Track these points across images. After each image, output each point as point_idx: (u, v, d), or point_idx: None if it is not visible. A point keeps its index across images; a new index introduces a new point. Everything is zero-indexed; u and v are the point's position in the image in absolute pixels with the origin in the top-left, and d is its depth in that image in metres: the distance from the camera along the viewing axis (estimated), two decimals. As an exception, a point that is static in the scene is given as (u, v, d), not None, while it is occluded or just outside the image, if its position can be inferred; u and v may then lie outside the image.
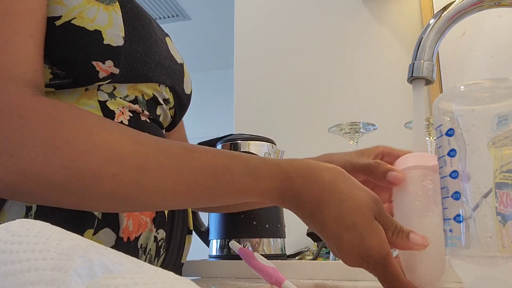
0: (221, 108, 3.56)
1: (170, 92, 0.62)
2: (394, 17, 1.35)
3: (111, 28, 0.49)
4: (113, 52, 0.50)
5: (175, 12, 2.95)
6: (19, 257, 0.23)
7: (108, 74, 0.50)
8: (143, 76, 0.55)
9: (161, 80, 0.59)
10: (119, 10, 0.51)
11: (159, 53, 0.58)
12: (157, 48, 0.58)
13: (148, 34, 0.56)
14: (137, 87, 0.56)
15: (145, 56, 0.54)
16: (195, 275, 0.75)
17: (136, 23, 0.54)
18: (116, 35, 0.50)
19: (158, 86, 0.59)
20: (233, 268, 0.72)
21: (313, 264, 0.69)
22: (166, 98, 0.61)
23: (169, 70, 0.61)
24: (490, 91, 0.36)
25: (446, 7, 0.56)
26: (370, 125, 0.85)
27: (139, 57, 0.53)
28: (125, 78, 0.53)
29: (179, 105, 0.66)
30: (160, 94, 0.59)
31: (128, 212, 0.50)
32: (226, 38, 2.86)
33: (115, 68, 0.50)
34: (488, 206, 0.33)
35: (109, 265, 0.22)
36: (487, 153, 0.35)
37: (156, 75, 0.57)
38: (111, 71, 0.50)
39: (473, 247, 0.34)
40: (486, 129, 0.35)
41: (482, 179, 0.35)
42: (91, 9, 0.48)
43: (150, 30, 0.57)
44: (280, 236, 0.85)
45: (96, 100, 0.51)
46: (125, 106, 0.54)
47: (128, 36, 0.51)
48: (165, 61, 0.60)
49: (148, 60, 0.55)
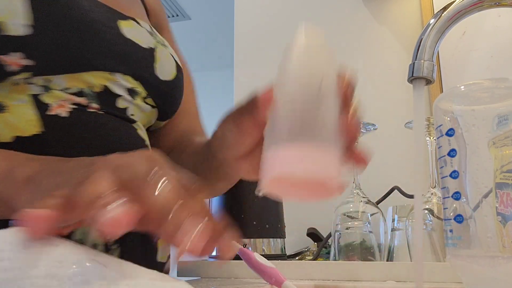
0: (221, 108, 3.55)
1: (135, 80, 0.56)
2: (394, 17, 1.35)
3: (14, 18, 0.45)
4: (18, 43, 0.45)
5: (175, 12, 2.95)
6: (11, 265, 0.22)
7: (20, 67, 0.46)
8: (83, 65, 0.51)
9: (113, 68, 0.53)
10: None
11: (101, 38, 0.52)
12: (97, 34, 0.52)
13: (75, 19, 0.50)
14: (80, 77, 0.51)
15: (74, 43, 0.49)
16: (195, 275, 0.75)
17: (53, 8, 0.49)
18: (19, 25, 0.45)
19: (110, 75, 0.53)
20: (233, 268, 0.72)
21: (313, 264, 0.69)
22: (130, 88, 0.56)
23: (125, 56, 0.55)
24: (490, 91, 0.36)
25: (446, 7, 0.56)
26: (370, 125, 0.85)
27: (63, 45, 0.49)
28: (51, 69, 0.49)
29: (157, 93, 0.60)
30: (116, 83, 0.54)
31: None
32: (226, 38, 2.86)
33: (28, 60, 0.46)
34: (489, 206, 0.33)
35: (102, 271, 0.22)
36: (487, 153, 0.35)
37: (104, 63, 0.52)
38: (24, 63, 0.46)
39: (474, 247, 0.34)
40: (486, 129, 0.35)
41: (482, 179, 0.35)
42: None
43: (78, 14, 0.51)
44: (280, 236, 0.85)
45: (27, 94, 0.48)
46: (65, 99, 0.49)
47: (41, 24, 0.47)
48: (114, 46, 0.54)
49: (82, 47, 0.50)
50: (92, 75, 0.51)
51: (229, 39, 1.75)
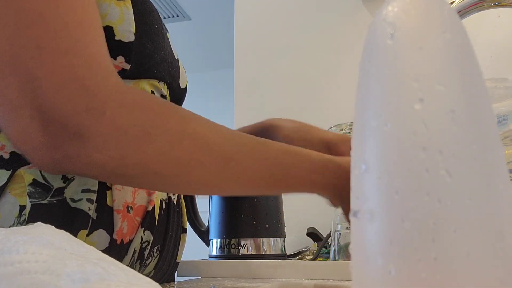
0: (221, 108, 3.56)
1: (167, 88, 0.62)
2: (394, 17, 1.35)
3: (122, 24, 0.49)
4: (124, 48, 0.49)
5: (175, 12, 2.95)
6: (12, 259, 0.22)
7: (119, 70, 0.50)
8: (149, 73, 0.55)
9: (162, 77, 0.58)
10: (130, 6, 0.50)
11: (164, 49, 0.58)
12: (164, 44, 0.57)
13: (157, 30, 0.56)
14: (140, 83, 0.55)
15: (153, 52, 0.54)
16: (195, 275, 0.75)
17: (146, 19, 0.53)
18: (128, 31, 0.49)
19: (158, 83, 0.58)
20: (233, 268, 0.72)
21: (313, 264, 0.69)
22: (164, 95, 0.61)
23: (170, 66, 0.61)
24: (490, 91, 0.36)
25: (446, 7, 0.55)
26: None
27: (148, 53, 0.53)
28: (133, 74, 0.52)
29: (173, 99, 0.65)
30: (158, 90, 0.59)
31: (208, 195, 0.53)
32: (226, 38, 2.86)
33: (126, 64, 0.50)
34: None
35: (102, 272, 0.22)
36: (486, 153, 0.35)
37: (159, 72, 0.57)
38: (122, 66, 0.50)
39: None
40: (485, 129, 0.35)
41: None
42: (102, 5, 0.48)
43: (158, 26, 0.56)
44: (280, 236, 0.85)
45: None
46: None
47: (139, 32, 0.51)
48: (168, 57, 0.59)
49: (155, 57, 0.55)
50: (147, 82, 0.56)
51: (229, 39, 1.75)
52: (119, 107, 0.39)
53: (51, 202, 0.45)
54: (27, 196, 0.44)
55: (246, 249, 0.81)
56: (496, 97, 0.36)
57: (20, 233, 0.24)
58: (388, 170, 0.24)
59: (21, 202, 0.45)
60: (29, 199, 0.44)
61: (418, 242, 0.23)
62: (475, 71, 0.26)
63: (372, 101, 0.26)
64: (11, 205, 0.44)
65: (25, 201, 0.45)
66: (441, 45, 0.26)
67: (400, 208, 0.23)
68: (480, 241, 0.23)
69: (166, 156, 0.41)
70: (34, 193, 0.45)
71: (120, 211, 0.50)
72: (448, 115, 0.24)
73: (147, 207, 0.55)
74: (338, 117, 1.15)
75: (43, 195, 0.45)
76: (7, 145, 0.46)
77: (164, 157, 0.41)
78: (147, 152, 0.40)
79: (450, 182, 0.23)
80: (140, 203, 0.54)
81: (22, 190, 0.45)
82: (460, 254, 0.22)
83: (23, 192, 0.45)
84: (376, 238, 0.24)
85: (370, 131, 0.26)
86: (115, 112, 0.39)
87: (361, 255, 0.25)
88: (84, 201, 0.47)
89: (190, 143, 0.42)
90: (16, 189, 0.45)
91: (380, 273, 0.24)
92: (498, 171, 0.24)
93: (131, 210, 0.52)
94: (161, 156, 0.41)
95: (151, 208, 0.55)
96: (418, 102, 0.24)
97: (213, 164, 0.43)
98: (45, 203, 0.45)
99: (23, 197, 0.45)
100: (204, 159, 0.43)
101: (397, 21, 0.27)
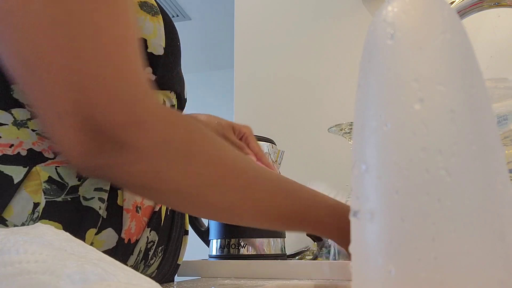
0: (221, 108, 3.55)
1: (176, 98, 0.64)
2: (394, 17, 1.35)
3: (155, 38, 0.53)
4: (154, 61, 0.53)
5: (175, 12, 2.95)
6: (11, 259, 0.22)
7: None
8: (167, 85, 0.58)
9: (174, 88, 0.61)
10: (162, 23, 0.54)
11: (180, 64, 0.61)
12: (180, 59, 0.61)
13: (179, 47, 0.59)
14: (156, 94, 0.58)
15: (173, 67, 0.57)
16: (195, 275, 0.75)
17: (173, 35, 0.57)
18: (158, 45, 0.53)
19: (170, 93, 0.60)
20: (233, 268, 0.72)
21: (313, 264, 0.69)
22: (173, 104, 0.63)
23: (181, 78, 0.63)
24: (490, 91, 0.36)
25: (446, 7, 0.55)
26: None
27: (170, 67, 0.56)
28: (156, 85, 0.55)
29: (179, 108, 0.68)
30: (169, 100, 0.61)
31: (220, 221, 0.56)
32: (226, 38, 2.86)
33: (152, 75, 0.53)
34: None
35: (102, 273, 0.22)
36: (486, 153, 0.35)
37: (174, 84, 0.60)
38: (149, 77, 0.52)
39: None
40: (485, 129, 0.35)
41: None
42: (139, 19, 0.51)
43: (179, 44, 0.60)
44: (280, 236, 0.85)
45: None
46: None
47: (167, 47, 0.54)
48: (180, 70, 0.63)
49: (174, 71, 0.58)
50: (161, 93, 0.58)
51: (229, 39, 1.75)
52: (163, 122, 0.41)
53: (65, 199, 0.46)
54: (43, 193, 0.45)
55: (246, 249, 0.81)
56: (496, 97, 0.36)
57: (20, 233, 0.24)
58: (388, 170, 0.24)
59: (35, 199, 0.45)
60: (44, 195, 0.45)
61: (418, 242, 0.23)
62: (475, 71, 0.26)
63: (372, 101, 0.26)
64: (25, 202, 0.45)
65: (39, 198, 0.45)
66: (441, 45, 0.26)
67: (400, 208, 0.23)
68: (480, 241, 0.23)
69: (199, 176, 0.43)
70: (50, 190, 0.45)
71: (129, 211, 0.51)
72: (448, 115, 0.24)
73: (154, 208, 0.56)
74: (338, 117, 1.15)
75: (58, 192, 0.46)
76: (25, 142, 0.46)
77: (196, 177, 0.43)
78: (182, 170, 0.42)
79: (450, 182, 0.23)
80: (148, 203, 0.55)
81: (37, 187, 0.45)
82: (460, 254, 0.22)
83: (38, 189, 0.45)
84: (376, 238, 0.24)
85: (370, 131, 0.26)
86: (159, 127, 0.41)
87: (361, 255, 0.25)
88: (95, 199, 0.47)
89: (218, 167, 0.44)
90: (31, 186, 0.45)
91: (380, 273, 0.24)
92: (498, 171, 0.24)
93: (139, 210, 0.53)
94: (194, 175, 0.43)
95: (158, 208, 0.56)
96: (418, 102, 0.24)
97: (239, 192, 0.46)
98: (59, 201, 0.45)
99: (37, 194, 0.45)
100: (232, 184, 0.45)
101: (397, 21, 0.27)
